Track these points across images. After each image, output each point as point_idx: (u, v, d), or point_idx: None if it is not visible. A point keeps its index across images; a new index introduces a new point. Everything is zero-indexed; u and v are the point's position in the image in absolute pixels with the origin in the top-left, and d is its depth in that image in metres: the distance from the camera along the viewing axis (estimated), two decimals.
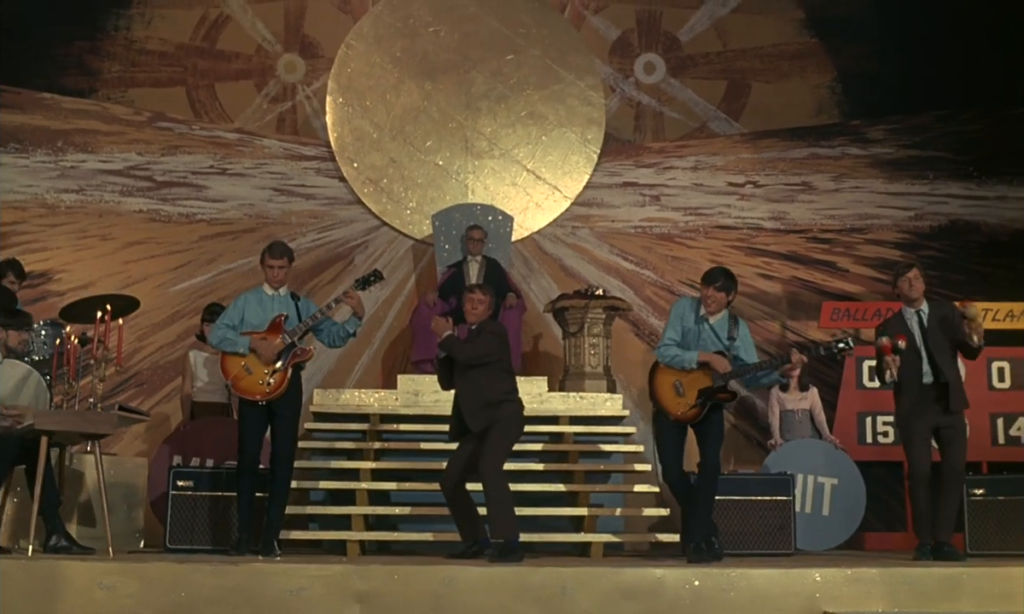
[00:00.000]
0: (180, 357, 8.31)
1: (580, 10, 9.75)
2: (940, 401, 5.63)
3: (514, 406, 5.50)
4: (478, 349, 5.39)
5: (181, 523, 5.82)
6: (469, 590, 4.52)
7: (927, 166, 9.19)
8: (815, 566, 4.66)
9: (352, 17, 9.52)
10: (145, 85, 9.40)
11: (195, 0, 9.56)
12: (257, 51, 9.49)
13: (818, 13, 9.67)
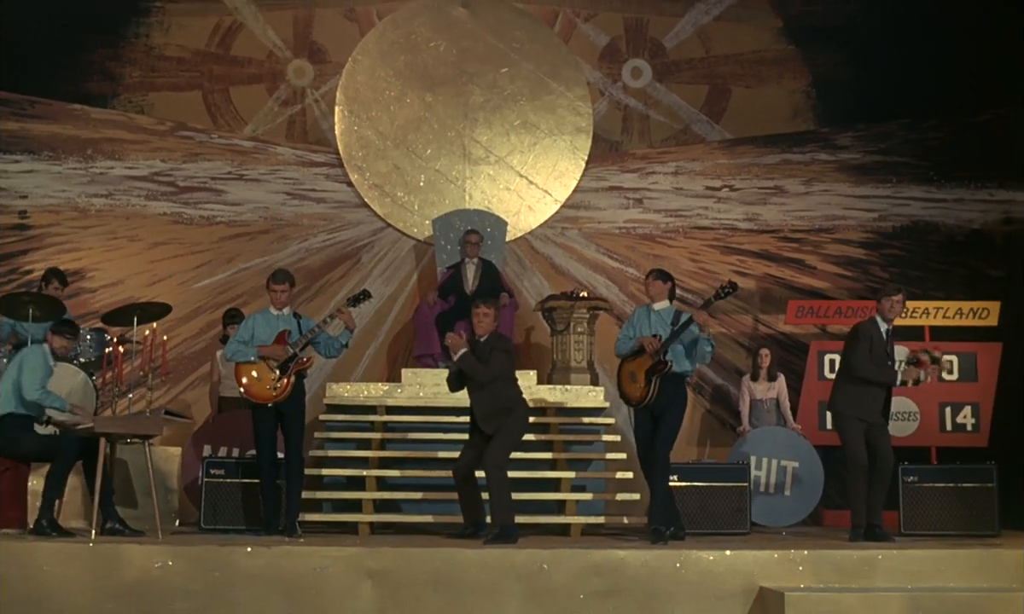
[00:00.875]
0: (202, 349, 9.28)
1: (571, 18, 10.53)
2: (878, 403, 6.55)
3: (522, 410, 6.42)
4: (494, 370, 6.26)
5: (213, 506, 6.76)
6: (464, 568, 5.47)
7: (890, 171, 10.02)
8: (752, 548, 5.60)
9: (357, 25, 10.31)
10: (164, 89, 10.20)
11: (210, 8, 10.31)
12: (268, 57, 10.28)
13: (795, 22, 10.44)
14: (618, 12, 10.57)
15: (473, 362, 6.29)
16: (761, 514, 7.91)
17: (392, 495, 7.10)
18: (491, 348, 6.35)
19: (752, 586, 5.43)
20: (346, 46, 10.27)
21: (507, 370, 6.32)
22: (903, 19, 9.96)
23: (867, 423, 6.52)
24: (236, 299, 9.46)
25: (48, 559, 5.37)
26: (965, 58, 9.74)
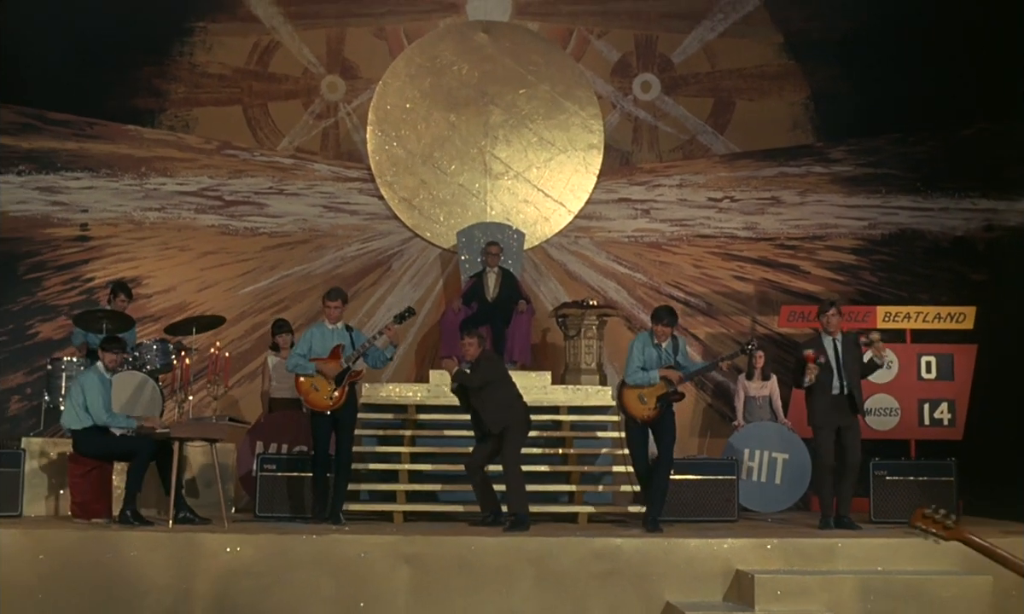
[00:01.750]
0: (247, 350, 10.37)
1: (585, 35, 11.49)
2: (844, 408, 7.54)
3: (521, 405, 7.48)
4: (484, 375, 7.33)
5: (266, 496, 7.86)
6: (485, 553, 6.54)
7: (880, 182, 10.94)
8: (731, 536, 6.65)
9: (386, 42, 11.32)
10: (207, 105, 11.24)
11: (249, 28, 11.33)
12: (304, 73, 11.30)
13: (795, 38, 11.33)
14: (629, 29, 11.52)
15: (464, 373, 7.34)
16: (754, 501, 8.93)
17: (422, 487, 8.19)
18: (478, 362, 7.40)
19: (729, 569, 6.47)
20: (376, 62, 11.28)
21: (495, 374, 7.34)
22: (895, 39, 10.78)
23: (838, 426, 7.52)
24: (278, 304, 10.58)
25: (135, 545, 6.48)
26: (951, 76, 10.54)
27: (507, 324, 9.65)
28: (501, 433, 7.31)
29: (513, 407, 7.35)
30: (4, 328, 10.39)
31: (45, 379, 8.58)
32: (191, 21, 11.16)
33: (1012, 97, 10.41)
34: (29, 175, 10.59)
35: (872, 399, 9.56)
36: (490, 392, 7.33)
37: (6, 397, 10.29)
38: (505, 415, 7.29)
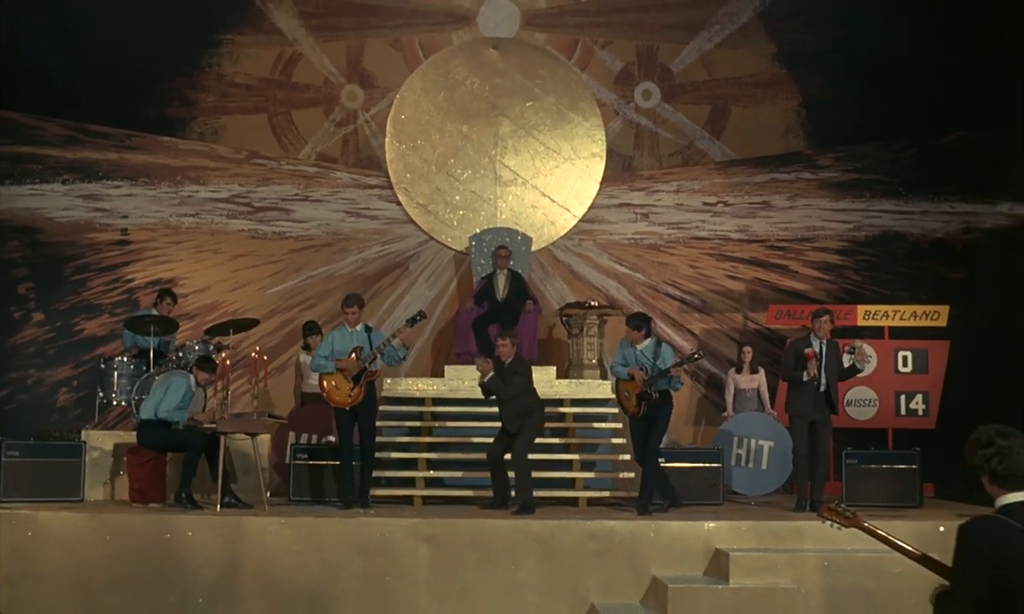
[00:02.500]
0: (276, 345, 11.35)
1: (590, 46, 12.40)
2: (821, 404, 8.50)
3: (538, 413, 8.45)
4: (516, 388, 8.28)
5: (299, 483, 8.86)
6: (495, 533, 7.54)
7: (864, 187, 11.85)
8: (711, 519, 7.64)
9: (401, 54, 12.26)
10: (235, 113, 12.21)
11: (273, 40, 12.28)
12: (324, 83, 12.25)
13: (787, 48, 12.22)
14: (631, 40, 12.43)
15: (498, 384, 8.30)
16: (743, 485, 9.91)
17: (439, 474, 9.21)
18: (513, 371, 8.36)
19: (709, 548, 7.47)
20: (392, 72, 12.22)
21: (525, 387, 8.33)
22: (880, 51, 11.61)
23: (811, 419, 8.49)
24: (304, 302, 11.59)
25: (190, 526, 7.52)
26: (932, 87, 11.41)
27: (516, 322, 10.59)
28: (518, 431, 8.29)
29: (532, 413, 8.32)
30: (52, 325, 11.42)
31: (99, 376, 9.59)
32: (219, 34, 12.09)
33: (988, 108, 11.31)
34: (73, 184, 11.58)
35: (853, 391, 10.53)
36: (515, 400, 8.29)
37: (55, 389, 11.34)
38: (524, 420, 8.26)
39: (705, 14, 12.31)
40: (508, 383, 8.32)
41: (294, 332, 11.24)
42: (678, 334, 11.60)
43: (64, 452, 8.50)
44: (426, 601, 7.37)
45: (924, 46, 11.35)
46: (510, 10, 12.32)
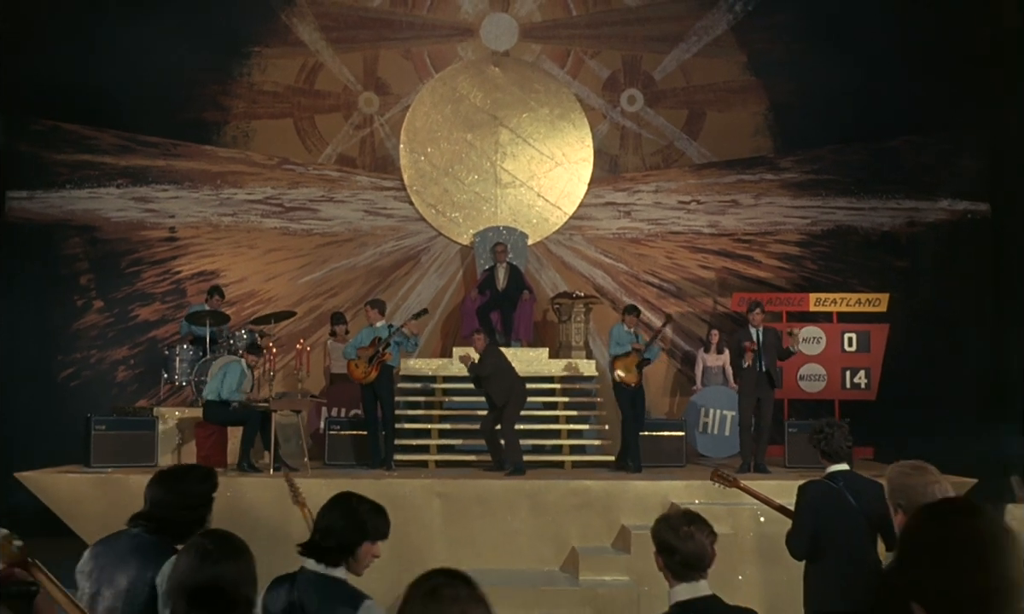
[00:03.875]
0: (304, 328, 13.37)
1: (580, 55, 14.31)
2: (764, 383, 10.53)
3: (520, 386, 10.48)
4: (488, 366, 10.33)
5: (333, 449, 10.93)
6: (494, 491, 9.62)
7: (821, 187, 13.78)
8: (670, 479, 9.72)
9: (412, 63, 14.19)
10: (264, 118, 14.16)
11: (297, 52, 14.21)
12: (343, 90, 14.18)
13: (757, 58, 14.09)
14: (617, 50, 14.33)
15: (475, 366, 10.35)
16: (707, 448, 11.99)
17: (449, 441, 11.29)
18: (484, 354, 10.40)
19: (666, 501, 9.51)
20: (404, 80, 14.13)
21: (497, 365, 10.31)
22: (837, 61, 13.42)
23: (757, 397, 10.54)
24: (329, 291, 13.60)
25: (248, 487, 9.59)
26: (881, 98, 13.29)
27: (514, 309, 12.63)
28: (504, 405, 10.35)
29: (512, 388, 10.37)
30: (111, 312, 13.48)
31: (163, 362, 11.66)
32: (248, 46, 14.00)
33: (930, 117, 13.24)
34: (126, 188, 13.58)
35: (805, 367, 12.58)
36: (495, 378, 10.35)
37: (115, 367, 13.41)
38: (506, 394, 10.31)
39: (683, 27, 14.18)
40: (483, 365, 10.36)
41: (321, 317, 13.31)
42: (656, 316, 13.62)
43: (140, 425, 10.57)
44: (440, 546, 9.44)
45: (875, 62, 13.22)
46: (509, 24, 14.24)
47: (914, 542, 2.07)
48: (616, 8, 14.34)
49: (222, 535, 3.16)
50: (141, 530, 3.94)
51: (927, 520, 2.09)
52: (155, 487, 3.94)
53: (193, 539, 3.19)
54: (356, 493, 3.77)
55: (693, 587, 3.40)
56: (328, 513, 3.60)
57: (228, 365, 10.17)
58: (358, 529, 3.54)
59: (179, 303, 13.39)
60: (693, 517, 3.49)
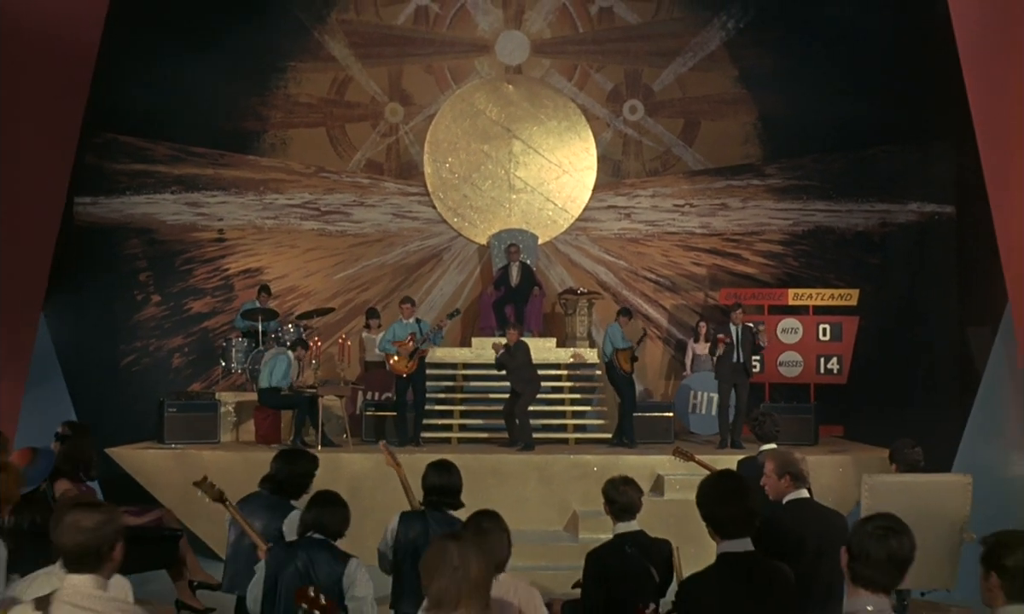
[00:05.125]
0: (338, 320, 15.42)
1: (587, 69, 16.27)
2: (739, 371, 12.56)
3: (536, 378, 12.52)
4: (514, 360, 12.37)
5: (369, 428, 13.02)
6: (508, 464, 11.71)
7: (802, 191, 15.73)
8: (657, 454, 11.79)
9: (433, 77, 16.19)
10: (299, 127, 16.20)
11: (328, 66, 16.19)
12: (371, 101, 16.19)
13: (747, 72, 15.99)
14: (620, 65, 16.27)
15: (507, 357, 12.40)
16: (697, 427, 14.03)
17: (469, 421, 13.38)
18: (516, 346, 12.45)
19: (653, 473, 11.60)
20: (426, 91, 16.10)
21: (523, 359, 12.38)
22: (820, 77, 15.38)
23: (734, 383, 12.58)
24: (361, 286, 15.65)
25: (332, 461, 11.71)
26: (858, 109, 15.18)
27: (526, 303, 14.64)
28: (522, 393, 12.43)
29: (531, 380, 12.42)
30: (167, 305, 15.58)
31: (221, 353, 13.78)
32: (284, 62, 15.99)
33: (902, 129, 15.16)
34: (180, 194, 15.64)
35: (784, 354, 14.59)
36: (519, 369, 12.40)
37: (171, 355, 15.51)
38: (525, 384, 12.38)
39: (680, 43, 16.10)
40: (512, 356, 12.42)
41: (354, 309, 15.38)
42: (653, 309, 15.68)
43: (205, 408, 12.70)
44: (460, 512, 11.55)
45: (853, 78, 15.13)
46: (521, 41, 16.20)
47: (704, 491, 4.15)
48: (619, 26, 16.25)
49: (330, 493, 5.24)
50: (268, 491, 6.05)
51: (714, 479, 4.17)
52: (279, 462, 6.04)
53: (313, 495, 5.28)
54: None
55: (628, 524, 5.47)
56: (439, 473, 5.66)
57: (277, 357, 12.25)
58: (459, 485, 5.54)
59: (227, 297, 15.49)
60: (628, 480, 5.56)
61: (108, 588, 3.51)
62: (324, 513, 5.23)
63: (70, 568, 3.45)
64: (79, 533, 3.41)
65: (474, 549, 3.52)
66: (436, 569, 3.45)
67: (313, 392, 12.15)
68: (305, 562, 5.08)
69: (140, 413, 13.72)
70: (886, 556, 3.39)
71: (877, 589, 3.42)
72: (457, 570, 3.41)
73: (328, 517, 5.21)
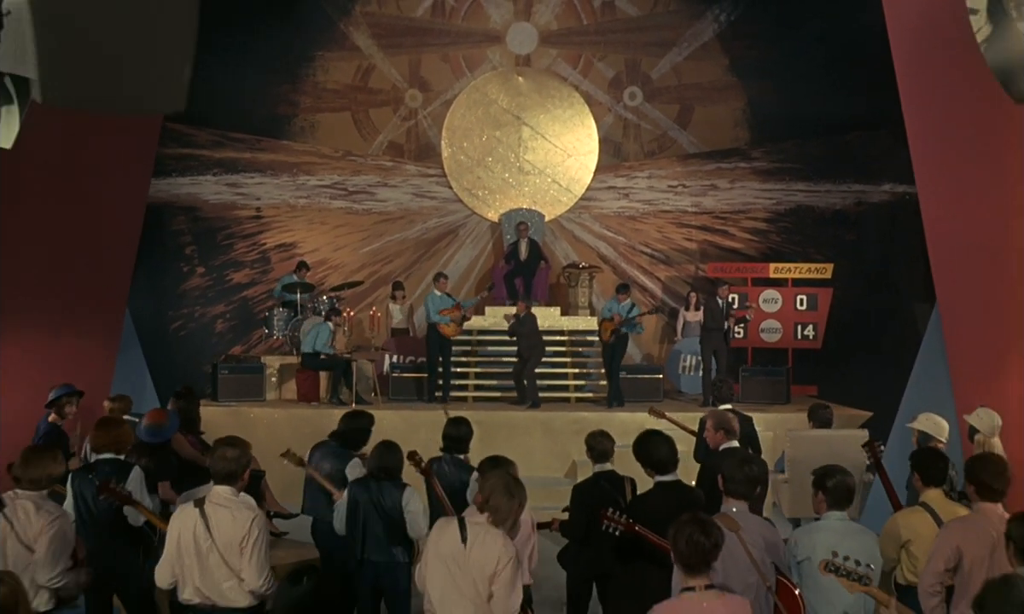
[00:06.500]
0: (363, 291, 17.69)
1: (590, 58, 18.41)
2: (719, 339, 14.80)
3: (541, 344, 14.81)
4: (522, 327, 14.62)
5: (396, 387, 15.33)
6: (516, 419, 14.00)
7: (785, 173, 17.90)
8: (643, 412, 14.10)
9: (449, 65, 18.35)
10: (326, 111, 18.39)
11: (353, 55, 18.36)
12: (392, 87, 18.37)
13: (738, 61, 18.10)
14: (621, 54, 18.39)
15: (516, 326, 14.66)
16: (686, 387, 16.33)
17: (484, 382, 15.70)
18: (524, 317, 14.70)
19: (642, 426, 13.88)
20: (443, 78, 18.23)
21: (530, 328, 14.63)
22: (804, 67, 17.47)
23: (714, 348, 14.84)
24: (385, 259, 17.91)
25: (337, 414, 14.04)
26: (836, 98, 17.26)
27: (533, 276, 16.88)
28: (529, 357, 14.71)
29: (537, 345, 14.69)
30: (210, 276, 17.87)
31: (264, 321, 16.09)
32: (313, 51, 18.14)
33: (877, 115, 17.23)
34: (220, 175, 17.89)
35: (766, 322, 16.84)
36: (527, 336, 14.67)
37: (214, 321, 17.83)
38: (532, 350, 14.65)
39: (676, 34, 18.19)
40: (522, 324, 14.71)
41: (378, 280, 17.64)
42: (649, 280, 17.92)
43: (252, 370, 15.01)
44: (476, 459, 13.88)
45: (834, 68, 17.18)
46: (530, 32, 18.32)
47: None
48: (620, 18, 18.33)
49: (389, 442, 7.53)
50: (335, 443, 8.35)
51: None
52: (346, 420, 8.32)
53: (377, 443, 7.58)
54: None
55: (603, 465, 7.74)
56: (454, 426, 7.94)
57: (319, 326, 14.52)
58: (467, 436, 7.89)
59: (265, 269, 17.78)
60: (604, 433, 7.81)
61: (239, 495, 5.81)
62: (386, 456, 7.46)
63: (217, 481, 5.74)
64: (224, 460, 5.70)
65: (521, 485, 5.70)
66: (495, 490, 5.57)
67: (348, 357, 14.47)
68: (376, 491, 7.31)
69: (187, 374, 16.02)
70: (743, 477, 5.68)
71: (739, 497, 5.71)
72: (514, 497, 5.55)
73: (389, 459, 7.44)
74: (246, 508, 5.67)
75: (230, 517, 5.58)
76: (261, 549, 5.58)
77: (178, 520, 5.63)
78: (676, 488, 6.57)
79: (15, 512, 5.82)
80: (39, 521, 5.80)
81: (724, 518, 5.53)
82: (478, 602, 5.35)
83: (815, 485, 5.94)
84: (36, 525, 5.79)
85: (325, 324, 14.57)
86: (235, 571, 5.52)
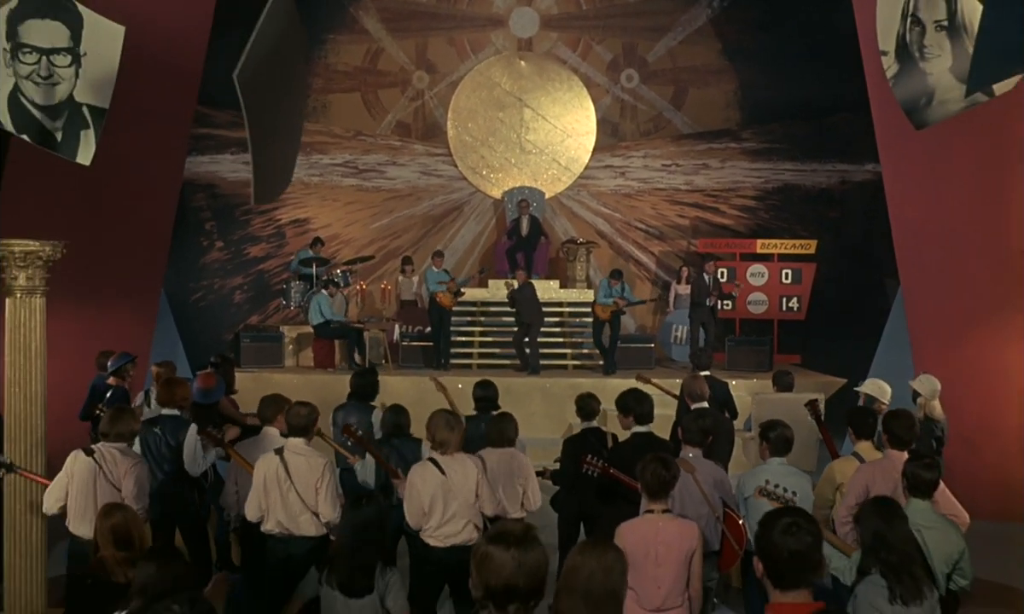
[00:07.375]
0: (373, 265, 19.12)
1: (589, 42, 19.74)
2: (707, 313, 16.22)
3: (540, 312, 16.23)
4: (523, 296, 16.06)
5: (404, 355, 16.77)
6: (518, 384, 15.42)
7: (773, 153, 19.23)
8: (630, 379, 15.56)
9: (454, 48, 19.68)
10: (337, 92, 19.74)
11: (362, 38, 19.69)
12: (400, 69, 19.72)
13: (730, 46, 19.41)
14: (618, 38, 19.72)
15: (513, 295, 16.06)
16: (678, 355, 17.74)
17: (486, 350, 17.14)
18: (522, 287, 16.09)
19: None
20: (448, 61, 19.56)
21: (528, 296, 16.01)
22: (792, 52, 18.79)
23: (703, 320, 16.26)
24: (394, 234, 19.29)
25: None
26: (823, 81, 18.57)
27: (534, 251, 18.26)
28: (529, 325, 16.14)
29: (535, 314, 16.13)
30: (228, 250, 19.28)
31: (282, 293, 17.50)
32: (324, 34, 19.46)
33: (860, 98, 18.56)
34: (238, 154, 19.19)
35: (752, 295, 18.24)
36: (525, 304, 16.08)
37: (232, 292, 19.25)
38: (531, 317, 16.07)
39: (671, 20, 19.50)
40: (521, 294, 16.11)
41: (388, 253, 19.03)
42: (643, 255, 19.33)
43: (272, 339, 16.46)
44: None
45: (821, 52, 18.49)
46: (532, 16, 19.63)
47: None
48: (618, 4, 19.60)
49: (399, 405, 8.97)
50: (355, 400, 9.79)
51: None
52: (356, 379, 9.75)
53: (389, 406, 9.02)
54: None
55: (589, 422, 9.18)
56: (484, 388, 9.38)
57: (316, 297, 15.90)
58: (496, 395, 9.35)
59: (280, 243, 19.18)
60: (592, 395, 9.26)
61: (311, 446, 7.27)
62: (399, 416, 8.89)
63: (292, 434, 7.21)
64: (299, 417, 7.15)
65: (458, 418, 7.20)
66: (438, 427, 7.07)
67: (360, 326, 15.92)
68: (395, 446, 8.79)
69: (208, 343, 17.48)
70: (697, 428, 7.14)
71: (694, 445, 7.17)
72: (453, 429, 7.07)
73: (402, 418, 8.88)
74: (318, 456, 7.12)
75: (305, 463, 7.02)
76: (333, 487, 7.06)
77: (263, 466, 7.08)
78: (649, 438, 8.00)
79: (103, 458, 7.25)
80: (125, 463, 7.24)
81: (682, 462, 6.96)
82: (471, 506, 6.99)
83: (760, 436, 7.37)
84: (122, 467, 7.23)
85: (322, 294, 15.96)
86: (310, 507, 6.96)
